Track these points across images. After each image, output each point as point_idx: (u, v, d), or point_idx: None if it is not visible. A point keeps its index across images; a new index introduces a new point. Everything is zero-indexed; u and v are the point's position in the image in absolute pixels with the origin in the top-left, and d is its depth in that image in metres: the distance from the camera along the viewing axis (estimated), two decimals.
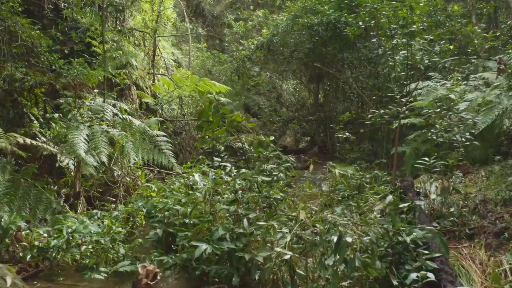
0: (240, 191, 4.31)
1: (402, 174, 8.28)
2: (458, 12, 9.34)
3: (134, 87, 9.47)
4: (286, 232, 3.72)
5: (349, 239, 3.34)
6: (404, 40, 6.27)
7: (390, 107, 6.18)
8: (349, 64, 12.96)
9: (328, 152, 16.43)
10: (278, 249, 3.45)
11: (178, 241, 4.32)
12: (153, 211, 5.10)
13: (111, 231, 4.47)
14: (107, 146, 5.40)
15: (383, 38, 6.83)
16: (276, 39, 13.74)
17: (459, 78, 8.80)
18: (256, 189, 4.42)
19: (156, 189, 5.76)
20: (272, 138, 6.44)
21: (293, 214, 5.11)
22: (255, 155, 9.80)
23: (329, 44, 12.86)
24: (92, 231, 4.43)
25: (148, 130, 5.96)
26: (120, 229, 4.62)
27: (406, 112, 6.30)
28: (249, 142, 10.43)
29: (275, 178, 5.02)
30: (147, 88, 9.85)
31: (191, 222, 4.50)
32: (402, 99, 5.97)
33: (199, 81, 8.24)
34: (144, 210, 5.16)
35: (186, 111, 12.42)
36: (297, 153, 19.33)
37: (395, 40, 6.27)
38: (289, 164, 8.92)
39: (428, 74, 9.32)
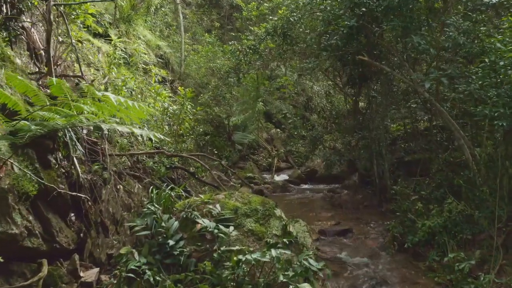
0: None
1: None
2: None
3: None
4: None
5: None
6: None
7: None
8: (416, 57, 7.50)
9: (375, 187, 10.90)
10: None
11: None
12: None
13: None
14: None
15: None
16: (295, 17, 8.43)
17: None
18: None
19: None
20: None
21: None
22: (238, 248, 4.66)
23: (383, 22, 7.38)
24: None
25: None
26: None
27: None
28: (231, 210, 5.28)
29: None
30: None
31: None
32: None
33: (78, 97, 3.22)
34: None
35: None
36: (329, 181, 14.26)
37: None
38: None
39: None
